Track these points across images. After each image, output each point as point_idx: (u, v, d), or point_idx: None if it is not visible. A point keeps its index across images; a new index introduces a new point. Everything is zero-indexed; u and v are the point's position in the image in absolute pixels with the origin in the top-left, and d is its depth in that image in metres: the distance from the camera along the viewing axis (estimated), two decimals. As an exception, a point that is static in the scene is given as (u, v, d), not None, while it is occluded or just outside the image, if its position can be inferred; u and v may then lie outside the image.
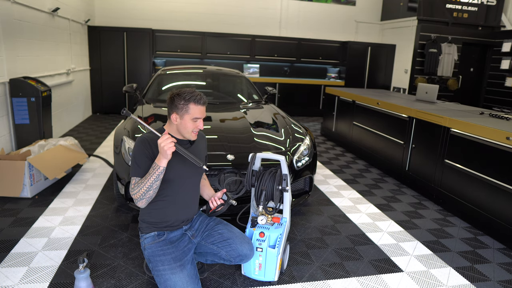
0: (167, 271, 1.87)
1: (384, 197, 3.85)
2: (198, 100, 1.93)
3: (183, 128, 1.95)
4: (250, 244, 2.12)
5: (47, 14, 5.21)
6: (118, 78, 7.73)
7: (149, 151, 1.91)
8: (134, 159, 1.93)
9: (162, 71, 4.68)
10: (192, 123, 1.94)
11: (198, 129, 1.97)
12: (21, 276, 2.21)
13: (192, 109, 1.92)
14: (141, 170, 1.89)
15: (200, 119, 1.96)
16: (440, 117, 3.67)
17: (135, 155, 1.93)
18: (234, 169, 2.74)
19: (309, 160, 3.19)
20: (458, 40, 8.06)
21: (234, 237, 2.08)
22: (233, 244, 2.05)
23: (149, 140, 1.95)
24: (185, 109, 1.91)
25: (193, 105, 1.92)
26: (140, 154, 1.91)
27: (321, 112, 8.71)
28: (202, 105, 1.95)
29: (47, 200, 3.31)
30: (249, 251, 2.09)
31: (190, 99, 1.91)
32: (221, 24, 8.53)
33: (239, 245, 2.05)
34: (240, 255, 2.06)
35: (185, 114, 1.92)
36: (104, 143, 5.41)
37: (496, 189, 2.99)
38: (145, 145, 1.92)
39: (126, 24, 8.02)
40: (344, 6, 9.18)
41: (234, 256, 2.06)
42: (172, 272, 1.86)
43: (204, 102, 1.96)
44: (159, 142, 1.78)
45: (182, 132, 1.98)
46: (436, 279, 2.42)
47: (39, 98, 4.19)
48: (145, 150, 1.91)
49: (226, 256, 2.06)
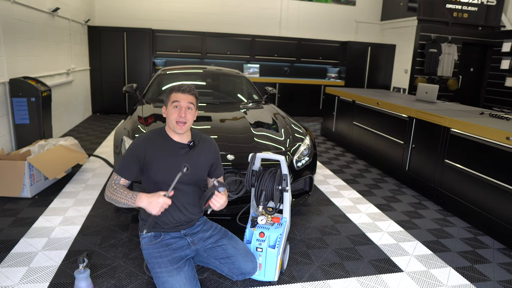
0: (164, 274, 1.85)
1: (384, 197, 3.85)
2: (178, 88, 1.98)
3: (169, 119, 1.98)
4: (253, 261, 2.07)
5: (47, 14, 5.21)
6: (118, 78, 7.73)
7: (141, 155, 1.93)
8: (125, 156, 1.97)
9: (162, 71, 4.68)
10: (174, 111, 1.94)
11: (182, 118, 1.93)
12: (21, 276, 2.21)
13: (173, 96, 1.97)
14: (125, 172, 1.94)
15: (179, 103, 1.94)
16: (440, 117, 3.67)
17: (128, 153, 1.96)
18: (234, 169, 2.74)
19: (309, 160, 3.19)
20: (458, 40, 8.06)
21: (237, 255, 2.03)
22: (236, 262, 2.01)
23: (147, 142, 1.97)
24: (168, 98, 1.99)
25: (174, 93, 1.98)
26: (132, 155, 1.94)
27: (321, 112, 8.71)
28: (182, 92, 1.96)
29: (47, 200, 3.31)
30: (252, 269, 2.05)
31: (173, 88, 1.99)
32: (221, 24, 8.53)
33: (242, 263, 2.01)
34: (242, 273, 2.02)
35: (168, 102, 1.99)
36: (104, 143, 5.41)
37: (496, 189, 2.99)
38: (141, 148, 1.95)
39: (126, 24, 8.02)
40: (344, 6, 9.18)
41: (236, 273, 2.02)
42: (169, 275, 1.85)
43: (184, 90, 1.97)
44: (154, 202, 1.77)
45: (169, 124, 1.99)
46: (436, 279, 2.42)
47: (39, 98, 4.19)
48: (139, 153, 1.94)
49: (228, 272, 2.03)
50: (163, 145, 1.99)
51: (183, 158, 1.98)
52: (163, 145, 1.99)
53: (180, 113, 1.93)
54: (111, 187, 1.91)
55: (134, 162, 1.93)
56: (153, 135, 2.02)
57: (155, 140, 1.99)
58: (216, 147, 2.18)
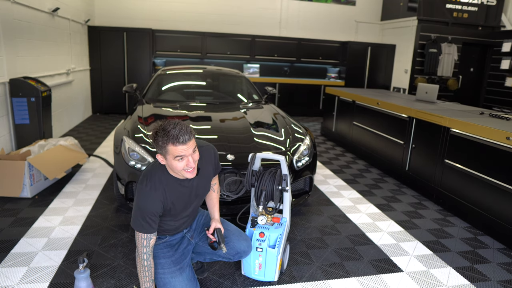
0: (167, 275, 1.86)
1: (384, 197, 3.85)
2: (175, 140, 1.63)
3: (173, 169, 1.74)
4: (247, 240, 2.13)
5: (47, 14, 5.21)
6: (118, 78, 7.73)
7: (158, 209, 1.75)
8: (141, 214, 1.72)
9: (162, 71, 4.68)
10: (179, 163, 1.69)
11: (191, 167, 1.72)
12: (21, 276, 2.21)
13: (172, 150, 1.66)
14: (148, 228, 1.74)
15: (185, 156, 1.68)
16: (440, 117, 3.66)
17: (143, 211, 1.72)
18: (234, 169, 2.74)
19: (309, 160, 3.19)
20: (458, 40, 8.06)
21: (231, 235, 2.08)
22: (230, 242, 2.06)
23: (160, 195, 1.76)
24: (165, 149, 1.67)
25: (172, 146, 1.65)
26: (148, 214, 1.72)
27: (321, 112, 8.71)
28: (182, 144, 1.64)
29: (47, 200, 3.31)
30: (246, 247, 2.10)
31: (168, 139, 1.64)
32: (221, 24, 8.53)
33: (236, 243, 2.06)
34: (238, 252, 2.07)
35: (167, 154, 1.69)
36: (104, 143, 5.41)
37: (496, 189, 2.99)
38: (157, 205, 1.75)
39: (126, 24, 8.02)
40: (344, 6, 9.18)
41: (232, 254, 2.07)
42: (172, 276, 1.86)
43: (183, 141, 1.64)
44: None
45: (175, 172, 1.77)
46: (436, 279, 2.42)
47: (39, 98, 4.19)
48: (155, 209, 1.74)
49: (224, 254, 2.07)
50: (175, 189, 1.82)
51: (196, 187, 1.92)
52: (175, 189, 1.82)
53: (188, 163, 1.70)
54: (142, 260, 1.77)
55: (154, 219, 1.75)
56: (156, 180, 1.78)
57: (166, 188, 1.79)
58: (215, 153, 2.06)
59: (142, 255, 1.77)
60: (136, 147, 2.84)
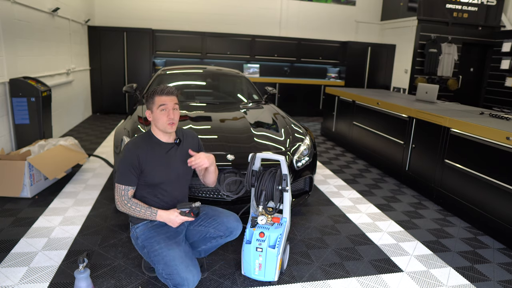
0: (164, 248, 1.92)
1: (384, 197, 3.85)
2: (160, 91, 2.00)
3: (159, 122, 2.01)
4: (235, 215, 2.18)
5: (47, 14, 5.21)
6: (118, 78, 7.73)
7: (135, 163, 1.97)
8: (121, 167, 1.98)
9: (162, 71, 4.68)
10: (163, 114, 1.99)
11: (171, 119, 2.00)
12: (21, 276, 2.21)
13: (157, 100, 2.00)
14: (129, 181, 1.97)
15: (166, 106, 1.99)
16: (440, 117, 3.67)
17: (122, 163, 1.99)
18: (234, 169, 2.74)
19: (309, 160, 3.19)
20: (458, 40, 8.06)
21: (218, 213, 2.15)
22: (218, 218, 2.12)
23: (137, 149, 2.00)
24: (152, 102, 2.02)
25: (157, 96, 2.01)
26: (128, 165, 1.97)
27: (321, 112, 8.70)
28: (166, 95, 2.00)
29: (47, 200, 3.31)
30: (235, 221, 2.14)
31: (155, 92, 2.01)
32: (221, 24, 8.53)
33: (224, 219, 2.12)
34: (228, 227, 2.11)
35: (153, 106, 2.02)
36: (104, 143, 5.41)
37: (496, 189, 2.99)
38: (133, 156, 1.97)
39: (126, 24, 8.02)
40: (344, 6, 9.18)
41: (222, 230, 2.10)
42: (169, 248, 1.92)
43: (168, 92, 2.01)
44: (173, 219, 1.96)
45: (159, 127, 2.03)
46: (436, 279, 2.42)
47: (39, 98, 4.19)
48: (133, 162, 1.97)
49: (215, 233, 2.10)
50: (153, 149, 2.04)
51: (174, 156, 2.09)
52: (153, 149, 2.04)
53: (169, 115, 1.99)
54: (125, 205, 1.96)
55: (132, 171, 1.97)
56: (141, 141, 2.05)
57: (145, 146, 2.03)
58: (198, 138, 2.29)
59: (122, 202, 1.96)
60: (136, 147, 2.84)
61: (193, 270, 1.87)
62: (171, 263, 1.86)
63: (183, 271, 1.84)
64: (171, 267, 1.85)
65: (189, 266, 1.87)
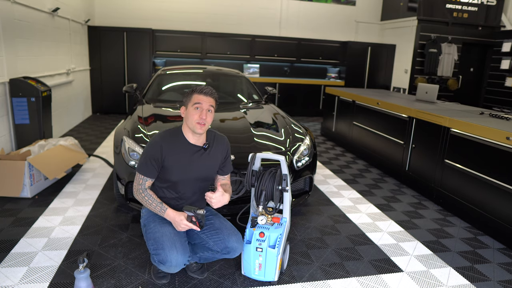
0: (157, 226, 1.98)
1: (384, 197, 3.85)
2: (200, 90, 2.02)
3: (189, 120, 2.01)
4: (238, 236, 2.11)
5: (47, 14, 5.21)
6: (118, 78, 7.73)
7: (158, 156, 1.99)
8: (144, 157, 2.01)
9: (162, 71, 4.68)
10: (195, 112, 1.98)
11: (203, 120, 1.98)
12: (21, 276, 2.21)
13: (194, 97, 2.01)
14: (148, 172, 2.01)
15: (201, 105, 1.99)
16: (440, 117, 3.67)
17: (146, 154, 2.01)
18: (234, 169, 2.74)
19: (309, 160, 3.19)
20: (458, 40, 8.06)
21: (223, 228, 2.11)
22: (221, 234, 2.08)
23: (163, 143, 2.01)
24: (189, 98, 2.03)
25: (196, 94, 2.02)
26: (150, 157, 2.00)
27: (321, 112, 8.70)
28: (204, 94, 2.01)
29: (47, 200, 3.31)
30: (236, 243, 2.08)
31: (195, 89, 2.03)
32: (221, 24, 8.53)
33: (226, 237, 2.07)
34: (227, 247, 2.06)
35: (189, 103, 2.03)
36: (104, 143, 5.41)
37: (496, 189, 2.99)
38: (157, 149, 2.00)
39: (126, 24, 8.02)
40: (344, 6, 9.18)
41: (221, 247, 2.07)
42: (161, 226, 1.98)
43: (206, 92, 2.01)
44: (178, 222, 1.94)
45: (188, 125, 2.02)
46: (436, 279, 2.42)
47: (39, 98, 4.19)
48: (156, 155, 1.99)
49: (213, 247, 2.09)
50: (178, 147, 2.05)
51: (198, 160, 2.10)
52: (178, 146, 2.05)
53: (202, 114, 1.98)
54: (139, 194, 2.01)
55: (153, 163, 1.99)
56: (169, 136, 2.06)
57: (171, 141, 2.04)
58: (228, 145, 2.27)
59: (138, 190, 2.00)
60: (136, 147, 2.84)
61: (178, 248, 1.89)
62: (159, 239, 1.91)
63: (168, 247, 1.87)
64: (158, 242, 1.91)
65: (176, 244, 1.90)
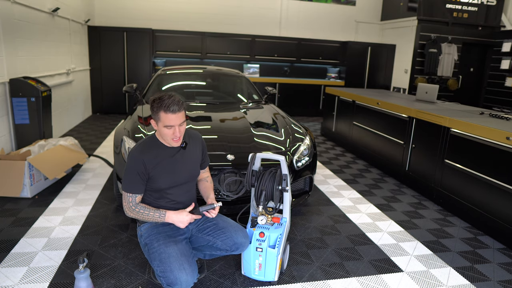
0: (162, 246, 1.92)
1: (384, 197, 3.85)
2: (167, 108, 1.83)
3: (162, 135, 1.95)
4: (244, 232, 2.14)
5: (47, 14, 5.21)
6: (118, 78, 7.73)
7: (142, 170, 1.93)
8: (127, 174, 1.94)
9: (162, 71, 4.68)
10: (168, 131, 1.90)
11: (177, 136, 1.92)
12: (21, 276, 2.21)
13: (163, 117, 1.86)
14: (136, 189, 1.95)
15: (173, 127, 1.88)
16: (440, 117, 3.67)
17: (129, 171, 1.94)
18: (234, 169, 2.74)
19: (309, 160, 3.19)
20: (458, 40, 8.06)
21: (228, 226, 2.11)
22: (227, 232, 2.08)
23: (143, 156, 1.94)
24: (157, 116, 1.88)
25: (163, 113, 1.85)
26: (134, 173, 1.93)
27: (321, 112, 8.71)
28: (172, 113, 1.84)
29: (47, 200, 3.31)
30: (243, 238, 2.11)
31: (160, 106, 1.84)
32: (221, 24, 8.53)
33: (233, 233, 2.08)
34: (235, 243, 2.08)
35: (158, 121, 1.90)
36: (104, 143, 5.41)
37: (496, 189, 2.99)
38: (139, 164, 1.93)
39: (126, 24, 8.02)
40: (344, 6, 9.18)
41: (229, 244, 2.07)
42: (166, 246, 1.92)
43: (174, 110, 1.85)
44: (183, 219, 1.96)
45: (163, 138, 1.97)
46: (436, 279, 2.42)
47: (39, 98, 4.19)
48: (139, 170, 1.93)
49: (222, 246, 2.08)
50: (159, 155, 1.99)
51: (181, 160, 2.05)
52: (158, 154, 1.99)
53: (175, 132, 1.91)
54: (133, 211, 1.95)
55: (139, 179, 1.94)
56: (147, 148, 1.99)
57: (150, 151, 1.98)
58: (202, 139, 2.24)
59: (129, 208, 1.94)
60: (136, 147, 2.84)
61: (187, 269, 1.83)
62: (165, 260, 1.85)
63: (176, 269, 1.81)
64: (165, 264, 1.84)
65: (184, 265, 1.84)
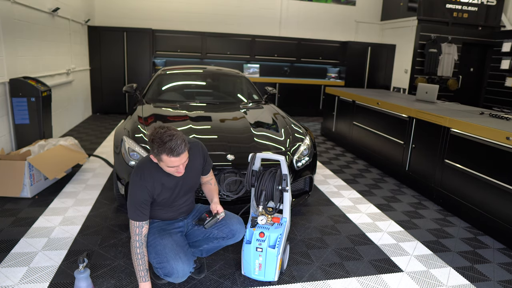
0: (157, 238, 1.96)
1: (384, 197, 3.85)
2: (170, 152, 1.75)
3: (165, 169, 1.88)
4: (239, 219, 2.19)
5: (47, 14, 5.21)
6: (118, 78, 7.73)
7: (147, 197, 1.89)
8: (133, 203, 1.87)
9: (162, 71, 4.68)
10: (171, 169, 1.85)
11: (181, 172, 1.87)
12: (21, 276, 2.21)
13: (166, 160, 1.79)
14: (143, 217, 1.89)
15: (177, 167, 1.83)
16: (440, 117, 3.67)
17: (133, 200, 1.87)
18: (234, 169, 2.74)
19: (309, 160, 3.19)
20: (458, 40, 8.06)
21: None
22: (222, 220, 2.11)
23: (145, 182, 1.89)
24: (159, 157, 1.80)
25: (166, 156, 1.78)
26: (140, 201, 1.87)
27: (321, 112, 8.71)
28: (176, 156, 1.77)
29: (47, 200, 3.31)
30: (239, 224, 2.14)
31: (163, 150, 1.75)
32: (221, 24, 8.53)
33: (228, 221, 2.12)
34: (231, 229, 2.11)
35: (160, 161, 1.83)
36: (104, 143, 5.41)
37: (496, 189, 2.99)
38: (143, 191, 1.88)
39: (126, 24, 8.02)
40: (344, 6, 9.18)
41: (226, 232, 2.10)
42: (161, 238, 1.95)
43: (178, 153, 1.77)
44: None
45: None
46: (436, 279, 2.42)
47: (39, 98, 4.19)
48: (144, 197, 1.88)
49: (218, 234, 2.11)
50: (159, 175, 1.94)
51: (181, 177, 2.01)
52: (159, 175, 1.94)
53: (178, 169, 1.85)
54: (136, 248, 1.88)
55: (143, 205, 1.89)
56: (147, 172, 1.92)
57: (151, 175, 1.92)
58: (203, 148, 2.17)
59: (134, 243, 1.89)
60: (136, 147, 2.84)
61: (183, 258, 1.88)
62: (161, 252, 1.89)
63: (172, 258, 1.86)
64: (161, 255, 1.88)
65: (179, 254, 1.89)
